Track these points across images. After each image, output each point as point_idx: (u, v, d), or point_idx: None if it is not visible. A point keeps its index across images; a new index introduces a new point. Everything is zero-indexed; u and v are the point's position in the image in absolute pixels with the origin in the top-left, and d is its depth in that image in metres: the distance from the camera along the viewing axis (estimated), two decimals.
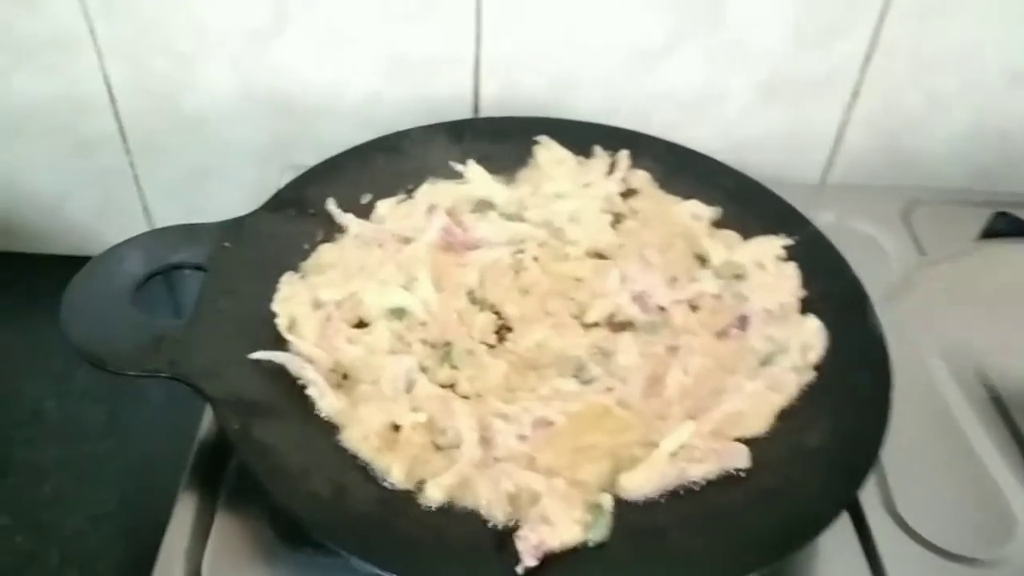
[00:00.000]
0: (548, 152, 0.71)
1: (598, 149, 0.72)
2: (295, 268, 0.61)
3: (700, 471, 0.51)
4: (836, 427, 0.54)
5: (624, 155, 0.72)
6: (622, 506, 0.50)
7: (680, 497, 0.51)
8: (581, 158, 0.72)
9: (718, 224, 0.68)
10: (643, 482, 0.50)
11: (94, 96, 0.78)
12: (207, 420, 0.58)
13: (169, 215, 0.86)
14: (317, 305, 0.58)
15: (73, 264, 0.59)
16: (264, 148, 0.81)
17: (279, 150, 0.81)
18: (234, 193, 0.83)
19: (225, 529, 0.52)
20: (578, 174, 0.70)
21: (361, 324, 0.59)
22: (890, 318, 0.61)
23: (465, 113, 0.80)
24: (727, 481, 0.52)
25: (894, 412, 0.54)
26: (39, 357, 0.80)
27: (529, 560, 0.45)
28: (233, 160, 0.82)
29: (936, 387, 0.63)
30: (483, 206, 0.67)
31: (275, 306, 0.58)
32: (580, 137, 0.73)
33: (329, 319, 0.57)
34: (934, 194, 0.81)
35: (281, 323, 0.56)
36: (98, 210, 0.86)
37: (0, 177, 0.83)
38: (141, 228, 0.87)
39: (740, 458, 0.52)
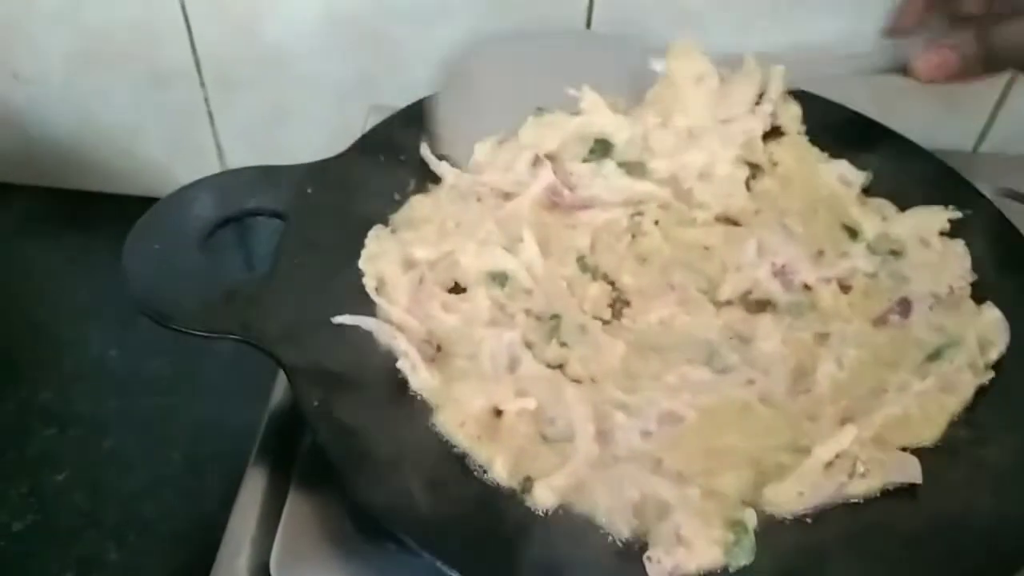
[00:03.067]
0: (686, 63, 0.59)
1: (749, 60, 0.59)
2: (384, 220, 0.54)
3: (862, 486, 0.43)
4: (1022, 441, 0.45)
5: (780, 72, 0.59)
6: (767, 524, 0.42)
7: (836, 516, 0.43)
8: (724, 70, 0.59)
9: (868, 191, 0.59)
10: (794, 496, 0.42)
11: (169, 24, 0.73)
12: (281, 387, 0.52)
13: (244, 157, 0.80)
14: (409, 265, 0.51)
15: (142, 205, 0.54)
16: (348, 86, 0.75)
17: (364, 89, 0.74)
18: (314, 135, 0.77)
19: (297, 516, 0.46)
20: (718, 101, 0.59)
21: (456, 289, 0.52)
22: None
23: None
24: (893, 500, 0.44)
25: None
26: (104, 303, 0.75)
27: None
28: (314, 98, 0.76)
29: None
30: (599, 149, 0.58)
31: (362, 263, 0.51)
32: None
33: (422, 281, 0.50)
34: None
35: (369, 284, 0.50)
36: (170, 149, 0.81)
37: (71, 111, 0.79)
38: (214, 170, 0.82)
39: (910, 471, 0.44)
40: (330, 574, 0.44)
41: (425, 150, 0.58)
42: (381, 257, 0.51)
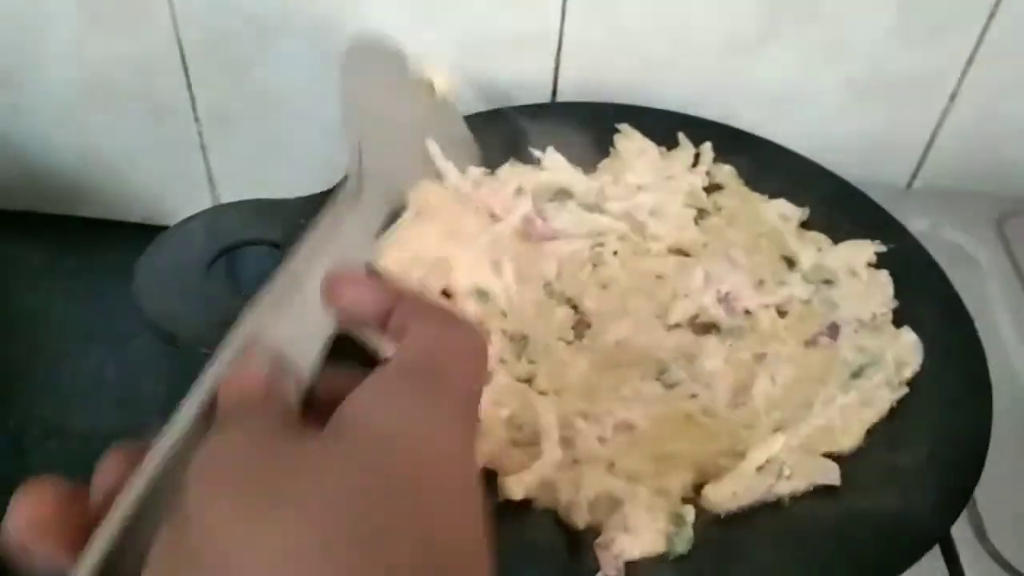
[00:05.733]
0: (630, 141, 0.69)
1: (683, 138, 0.69)
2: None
3: (788, 487, 0.49)
4: (931, 449, 0.52)
5: (708, 147, 0.69)
6: (704, 518, 0.48)
7: (764, 512, 0.49)
8: (663, 149, 0.69)
9: (805, 225, 0.66)
10: (729, 495, 0.48)
11: (167, 62, 0.77)
12: None
13: (235, 188, 0.85)
14: (415, 263, 0.55)
15: (138, 231, 0.57)
16: (336, 124, 0.79)
17: None
18: (304, 170, 0.79)
19: None
20: (661, 166, 0.67)
21: (447, 295, 0.56)
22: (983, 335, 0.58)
23: (542, 98, 0.77)
24: (815, 499, 0.50)
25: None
26: (100, 324, 0.79)
27: (610, 570, 0.43)
28: (305, 135, 0.80)
29: None
30: (561, 195, 0.65)
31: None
32: (663, 127, 0.70)
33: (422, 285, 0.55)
34: None
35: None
36: (165, 179, 0.85)
37: (73, 141, 0.83)
38: (205, 200, 0.87)
39: (830, 475, 0.50)
40: None
41: (433, 146, 0.61)
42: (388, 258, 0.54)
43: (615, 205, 0.64)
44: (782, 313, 0.59)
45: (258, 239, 0.58)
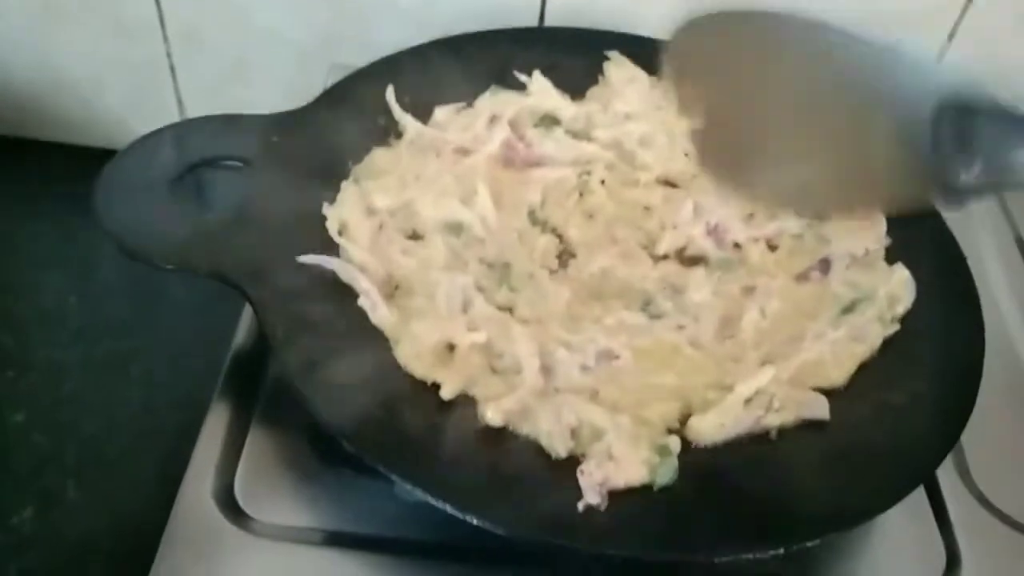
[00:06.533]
0: (620, 69, 0.66)
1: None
2: (346, 170, 0.57)
3: (776, 420, 0.48)
4: (921, 387, 0.50)
5: None
6: (690, 450, 0.46)
7: (752, 446, 0.47)
8: (655, 79, 0.66)
9: None
10: (716, 427, 0.47)
11: None
12: (244, 326, 0.55)
13: (205, 112, 0.81)
14: (370, 212, 0.54)
15: (100, 157, 0.54)
16: (309, 45, 0.76)
17: (325, 49, 0.76)
18: (275, 93, 0.78)
19: (260, 444, 0.49)
20: (651, 95, 0.64)
21: (415, 237, 0.55)
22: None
23: (529, 22, 0.74)
24: (802, 433, 0.48)
25: None
26: (62, 251, 0.76)
27: (592, 497, 0.42)
28: (275, 56, 0.77)
29: (1020, 354, 0.59)
30: (547, 121, 0.62)
31: (325, 210, 0.53)
32: (650, 56, 0.67)
33: (383, 227, 0.53)
34: None
35: (331, 227, 0.52)
36: (130, 102, 0.81)
37: (35, 60, 0.79)
38: None
39: (819, 409, 0.48)
40: (292, 496, 0.47)
41: (391, 98, 0.60)
42: (343, 204, 0.54)
43: (603, 133, 0.62)
44: (773, 247, 0.57)
45: (227, 155, 0.55)
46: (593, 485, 0.42)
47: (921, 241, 0.58)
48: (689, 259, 0.57)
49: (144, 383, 0.67)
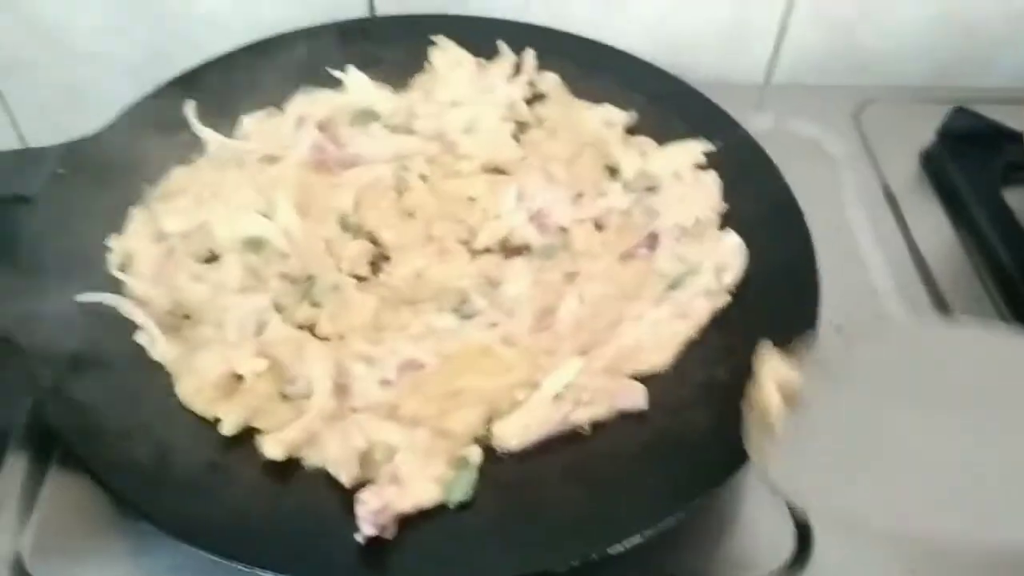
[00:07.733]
0: (445, 54, 0.63)
1: (503, 46, 0.64)
2: (142, 196, 0.54)
3: (586, 414, 0.45)
4: (748, 361, 0.47)
5: (530, 54, 0.63)
6: (495, 459, 0.44)
7: (564, 446, 0.45)
8: (483, 60, 0.63)
9: (634, 131, 0.61)
10: (519, 429, 0.44)
11: None
12: None
13: (46, 137, 0.77)
14: (159, 238, 0.51)
15: None
16: (138, 62, 0.72)
17: (153, 67, 0.71)
18: (112, 114, 0.74)
19: (56, 499, 0.46)
20: (478, 78, 0.62)
21: (213, 259, 0.52)
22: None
23: (360, 12, 0.71)
24: (620, 426, 0.46)
25: None
26: None
27: (368, 528, 0.39)
28: (106, 76, 0.74)
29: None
30: (365, 117, 0.59)
31: (111, 242, 0.50)
32: (483, 36, 0.64)
33: (171, 253, 0.50)
34: (888, 92, 0.73)
35: (113, 260, 0.49)
36: None
37: None
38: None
39: (636, 398, 0.46)
40: (87, 558, 0.44)
41: (190, 113, 0.57)
42: (130, 233, 0.51)
43: (425, 124, 0.59)
44: (601, 228, 0.55)
45: (6, 195, 0.52)
46: (369, 514, 0.39)
47: (757, 201, 0.55)
48: (512, 250, 0.54)
49: None
